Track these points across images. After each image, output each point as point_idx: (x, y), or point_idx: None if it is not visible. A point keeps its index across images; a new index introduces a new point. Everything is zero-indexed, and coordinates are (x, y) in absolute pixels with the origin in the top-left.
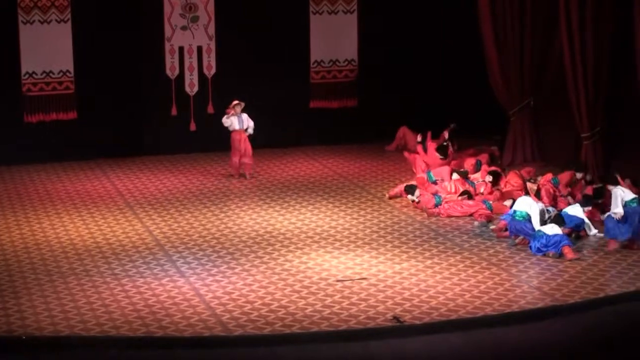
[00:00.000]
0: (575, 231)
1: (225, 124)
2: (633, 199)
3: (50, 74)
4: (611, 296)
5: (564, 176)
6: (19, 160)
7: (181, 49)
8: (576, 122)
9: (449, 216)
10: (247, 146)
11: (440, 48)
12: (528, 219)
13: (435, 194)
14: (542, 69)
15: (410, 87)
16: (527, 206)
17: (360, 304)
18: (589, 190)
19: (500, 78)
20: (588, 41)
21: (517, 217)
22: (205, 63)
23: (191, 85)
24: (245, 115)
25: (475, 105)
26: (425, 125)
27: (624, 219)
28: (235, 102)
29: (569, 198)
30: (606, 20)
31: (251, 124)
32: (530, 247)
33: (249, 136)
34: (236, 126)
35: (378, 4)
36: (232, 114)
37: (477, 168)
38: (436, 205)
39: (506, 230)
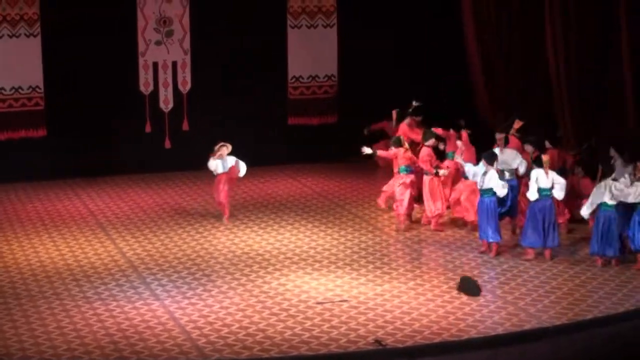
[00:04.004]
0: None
1: (211, 168)
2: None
3: (19, 90)
4: (600, 318)
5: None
6: None
7: (155, 64)
8: (564, 139)
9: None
10: (228, 189)
11: (424, 64)
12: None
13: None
14: (528, 90)
15: (392, 103)
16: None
17: (340, 327)
18: None
19: (487, 100)
20: (572, 58)
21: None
22: (180, 79)
23: (166, 102)
24: (231, 158)
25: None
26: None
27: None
28: (221, 143)
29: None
30: (591, 38)
31: (241, 166)
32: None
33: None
34: (220, 170)
35: (359, 18)
36: (218, 157)
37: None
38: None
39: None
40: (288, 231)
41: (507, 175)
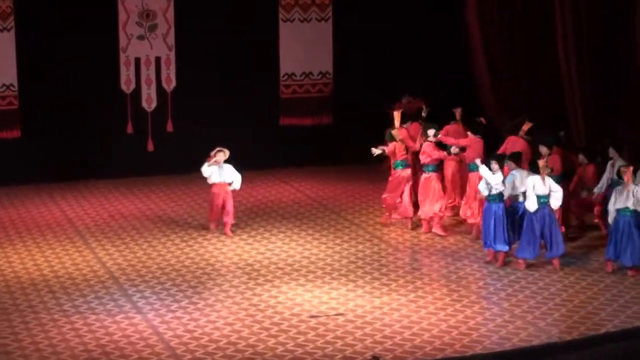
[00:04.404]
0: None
1: (205, 174)
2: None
3: None
4: (614, 332)
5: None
6: None
7: (137, 60)
8: (574, 138)
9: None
10: (227, 202)
11: (424, 59)
12: None
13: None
14: (536, 89)
15: (391, 102)
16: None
17: (336, 343)
18: None
19: (493, 100)
20: (585, 54)
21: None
22: (164, 76)
23: (149, 101)
24: (228, 167)
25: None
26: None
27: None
28: (218, 149)
29: None
30: (603, 37)
31: (237, 177)
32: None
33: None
34: (216, 178)
35: (355, 12)
36: (213, 163)
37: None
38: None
39: None
40: (280, 240)
41: (520, 198)
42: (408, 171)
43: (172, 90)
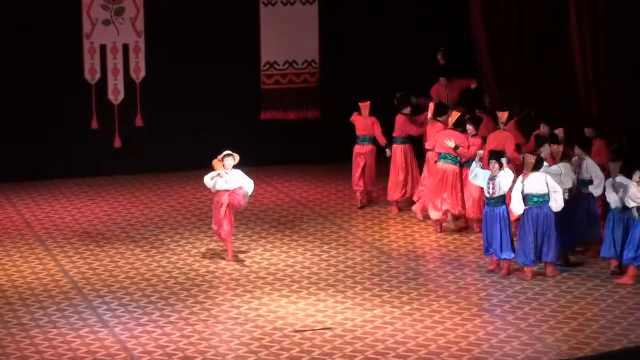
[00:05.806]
0: None
1: (208, 185)
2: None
3: None
4: (631, 349)
5: None
6: None
7: (103, 47)
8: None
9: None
10: (228, 212)
11: (417, 46)
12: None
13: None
14: (546, 78)
15: (383, 93)
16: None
17: None
18: None
19: (496, 93)
20: (602, 53)
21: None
22: (132, 65)
23: (115, 92)
24: (237, 172)
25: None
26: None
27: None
28: (226, 153)
29: None
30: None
31: (248, 184)
32: None
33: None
34: (221, 185)
35: None
36: (218, 176)
37: None
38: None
39: None
40: (261, 246)
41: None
42: (368, 148)
43: (142, 80)
